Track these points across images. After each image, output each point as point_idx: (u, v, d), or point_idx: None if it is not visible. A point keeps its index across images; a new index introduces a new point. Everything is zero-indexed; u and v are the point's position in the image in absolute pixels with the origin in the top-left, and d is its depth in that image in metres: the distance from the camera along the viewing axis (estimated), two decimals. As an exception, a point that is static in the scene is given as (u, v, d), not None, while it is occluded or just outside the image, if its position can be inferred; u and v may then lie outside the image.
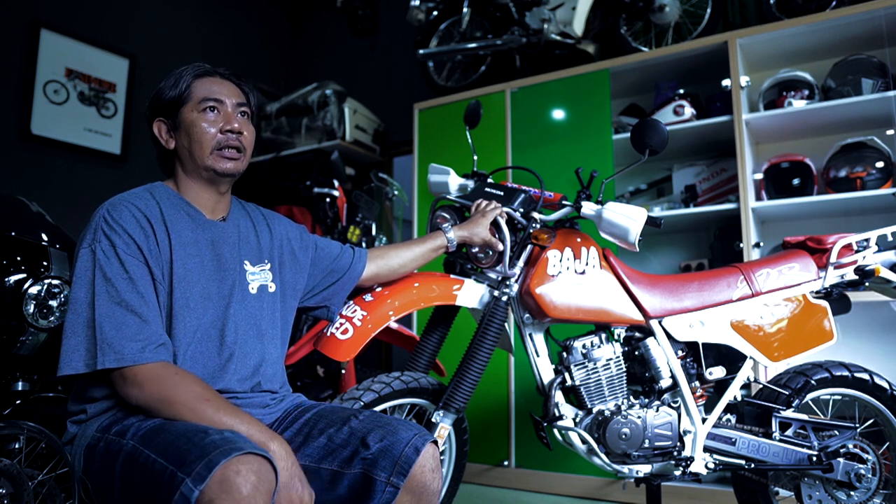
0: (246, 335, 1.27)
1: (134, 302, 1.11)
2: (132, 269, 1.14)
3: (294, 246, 1.45)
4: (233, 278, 1.28)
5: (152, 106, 1.31)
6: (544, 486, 2.73)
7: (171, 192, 1.29)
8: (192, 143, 1.27)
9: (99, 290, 1.11)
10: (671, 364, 1.75)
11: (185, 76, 1.29)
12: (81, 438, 1.15)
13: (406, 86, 4.32)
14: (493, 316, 1.65)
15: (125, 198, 1.22)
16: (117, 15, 3.93)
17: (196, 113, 1.27)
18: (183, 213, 1.26)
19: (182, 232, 1.23)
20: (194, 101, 1.27)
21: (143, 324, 1.11)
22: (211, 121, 1.27)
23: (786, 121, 2.68)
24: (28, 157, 3.44)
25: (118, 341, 1.07)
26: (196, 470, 0.91)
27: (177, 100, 1.28)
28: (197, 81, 1.29)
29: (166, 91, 1.29)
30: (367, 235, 3.08)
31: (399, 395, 1.63)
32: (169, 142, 1.30)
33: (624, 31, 3.09)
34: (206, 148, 1.26)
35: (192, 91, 1.28)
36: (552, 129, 3.02)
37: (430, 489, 1.18)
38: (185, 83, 1.28)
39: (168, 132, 1.30)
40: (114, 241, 1.14)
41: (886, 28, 2.52)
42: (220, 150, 1.27)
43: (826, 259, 1.82)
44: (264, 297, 1.33)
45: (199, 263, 1.24)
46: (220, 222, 1.32)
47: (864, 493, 1.72)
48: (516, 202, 1.69)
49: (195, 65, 1.32)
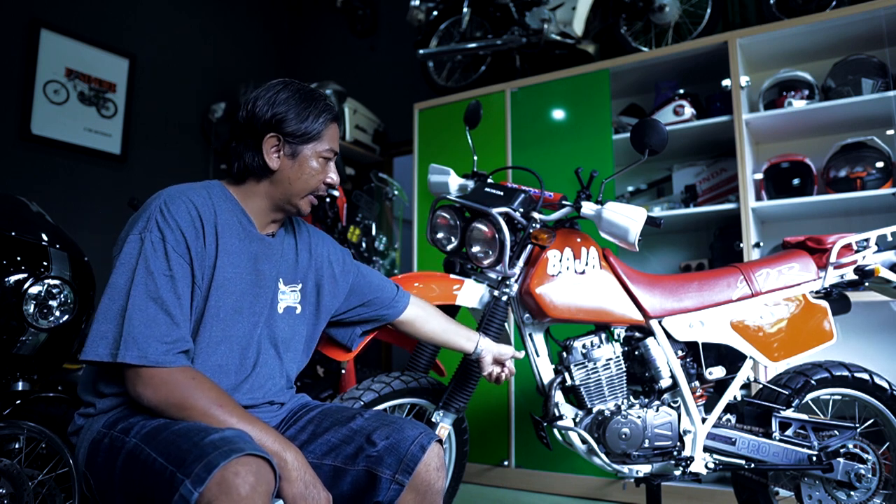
0: (266, 355, 1.26)
1: (169, 301, 1.09)
2: (176, 266, 1.12)
3: (335, 269, 1.42)
4: (266, 296, 1.26)
5: (275, 121, 1.23)
6: (544, 486, 2.73)
7: (229, 196, 1.26)
8: (298, 180, 1.25)
9: (138, 281, 1.09)
10: (671, 364, 1.75)
11: (323, 116, 1.26)
12: (88, 432, 1.15)
13: (406, 86, 4.32)
14: (493, 316, 1.65)
15: (184, 191, 1.19)
16: (117, 15, 3.93)
17: (318, 158, 1.26)
18: (236, 220, 1.24)
19: (230, 240, 1.21)
20: (323, 145, 1.26)
21: (173, 325, 1.09)
22: (322, 168, 1.28)
23: (786, 121, 2.68)
24: (28, 157, 3.44)
25: (144, 339, 1.05)
26: (195, 471, 0.91)
27: (308, 135, 1.24)
28: (332, 126, 1.29)
29: (299, 119, 1.24)
30: (367, 235, 3.08)
31: (399, 394, 1.64)
32: (274, 160, 1.24)
33: (624, 31, 3.09)
34: (306, 190, 1.27)
35: (324, 134, 1.26)
36: (552, 129, 3.02)
37: (434, 487, 1.18)
38: (322, 124, 1.26)
39: (278, 152, 1.24)
40: (164, 235, 1.12)
41: (886, 28, 2.52)
42: (310, 195, 1.29)
43: (826, 259, 1.82)
44: (289, 318, 1.32)
45: (238, 275, 1.22)
46: (269, 237, 1.30)
47: (864, 493, 1.72)
48: (516, 202, 1.69)
49: (331, 104, 1.29)
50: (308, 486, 1.05)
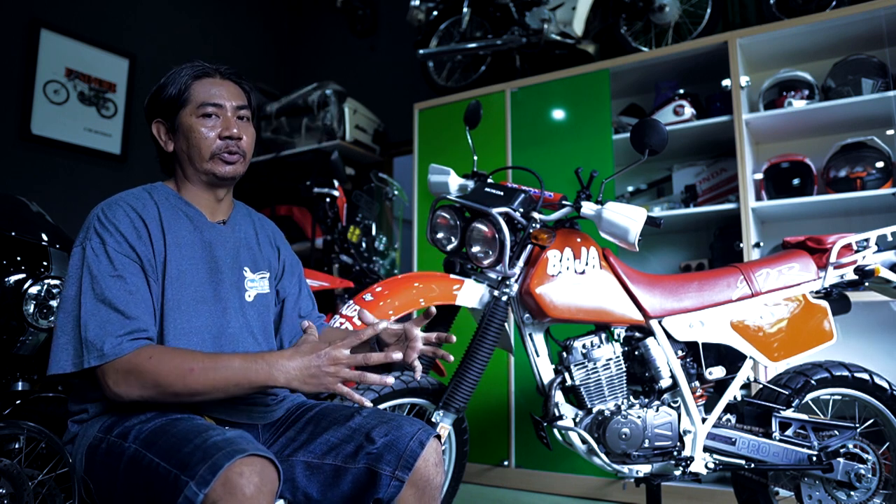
0: (245, 344, 1.25)
1: (118, 300, 1.09)
2: (121, 266, 1.12)
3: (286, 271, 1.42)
4: (229, 284, 1.26)
5: (150, 106, 1.27)
6: (544, 486, 2.73)
7: (171, 193, 1.28)
8: (190, 148, 1.23)
9: (85, 288, 1.09)
10: (671, 364, 1.75)
11: (183, 77, 1.24)
12: (83, 438, 1.14)
13: (406, 86, 4.32)
14: (493, 316, 1.65)
15: (121, 197, 1.21)
16: (117, 15, 3.93)
17: (195, 118, 1.23)
18: (182, 214, 1.25)
19: (179, 233, 1.22)
20: (193, 104, 1.23)
21: (126, 320, 1.08)
22: (210, 126, 1.23)
23: (786, 121, 2.68)
24: (28, 157, 3.44)
25: (99, 339, 1.05)
26: (200, 473, 0.91)
27: (175, 102, 1.24)
28: (196, 83, 1.25)
29: (164, 91, 1.25)
30: (367, 235, 3.08)
31: (399, 394, 1.64)
32: (168, 144, 1.27)
33: (624, 31, 3.09)
34: (204, 154, 1.23)
35: (190, 94, 1.24)
36: (552, 129, 3.02)
37: (433, 483, 1.19)
38: (183, 85, 1.24)
39: (167, 134, 1.27)
40: (104, 239, 1.13)
41: (886, 28, 2.52)
42: (219, 155, 1.24)
43: (826, 259, 1.82)
44: (260, 305, 1.31)
45: (194, 265, 1.22)
46: (220, 225, 1.30)
47: (864, 493, 1.72)
48: (516, 202, 1.69)
49: (194, 64, 1.27)
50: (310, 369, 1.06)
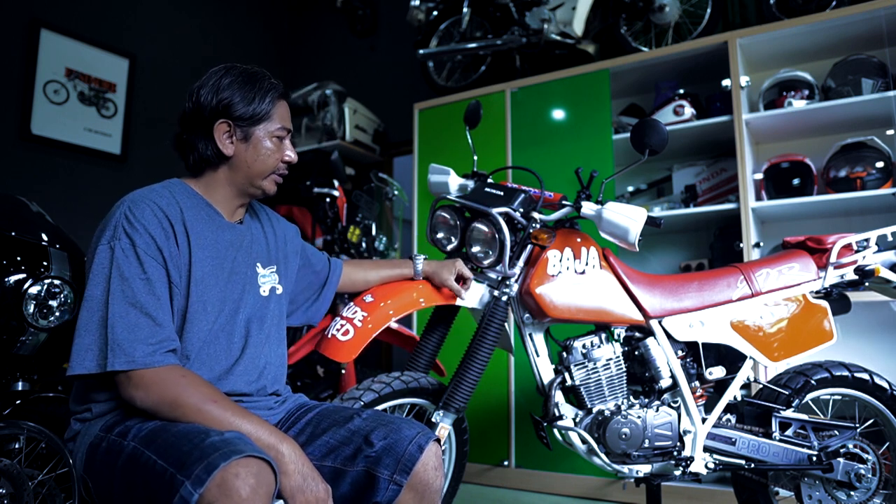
0: (255, 338, 1.27)
1: (148, 304, 1.10)
2: (150, 269, 1.13)
3: (289, 249, 1.46)
4: (244, 281, 1.28)
5: (222, 107, 1.24)
6: (544, 486, 2.73)
7: (191, 192, 1.27)
8: (255, 162, 1.27)
9: (114, 289, 1.09)
10: (671, 364, 1.75)
11: (270, 95, 1.27)
12: (85, 436, 1.15)
13: (406, 86, 4.32)
14: (493, 316, 1.65)
15: (147, 195, 1.20)
16: (117, 15, 3.93)
17: (270, 138, 1.28)
18: (203, 214, 1.25)
19: (202, 234, 1.23)
20: (273, 124, 1.28)
21: (156, 327, 1.10)
22: (278, 147, 1.29)
23: (786, 121, 2.68)
24: (28, 157, 3.44)
25: (129, 343, 1.06)
26: (195, 473, 0.91)
27: (257, 115, 1.26)
28: (279, 104, 1.29)
29: (246, 101, 1.24)
30: (367, 235, 3.08)
31: (399, 395, 1.64)
32: (228, 147, 1.25)
33: (624, 31, 3.09)
34: (266, 171, 1.29)
35: (273, 113, 1.28)
36: (552, 128, 3.02)
37: (432, 487, 1.18)
38: (270, 103, 1.27)
39: (230, 137, 1.25)
40: (134, 240, 1.13)
41: (886, 28, 2.52)
42: (273, 175, 1.30)
43: (826, 259, 1.82)
44: (272, 299, 1.34)
45: (217, 266, 1.23)
46: (238, 225, 1.32)
47: (864, 493, 1.72)
48: (516, 202, 1.69)
49: (275, 82, 1.30)
50: (306, 478, 1.05)
